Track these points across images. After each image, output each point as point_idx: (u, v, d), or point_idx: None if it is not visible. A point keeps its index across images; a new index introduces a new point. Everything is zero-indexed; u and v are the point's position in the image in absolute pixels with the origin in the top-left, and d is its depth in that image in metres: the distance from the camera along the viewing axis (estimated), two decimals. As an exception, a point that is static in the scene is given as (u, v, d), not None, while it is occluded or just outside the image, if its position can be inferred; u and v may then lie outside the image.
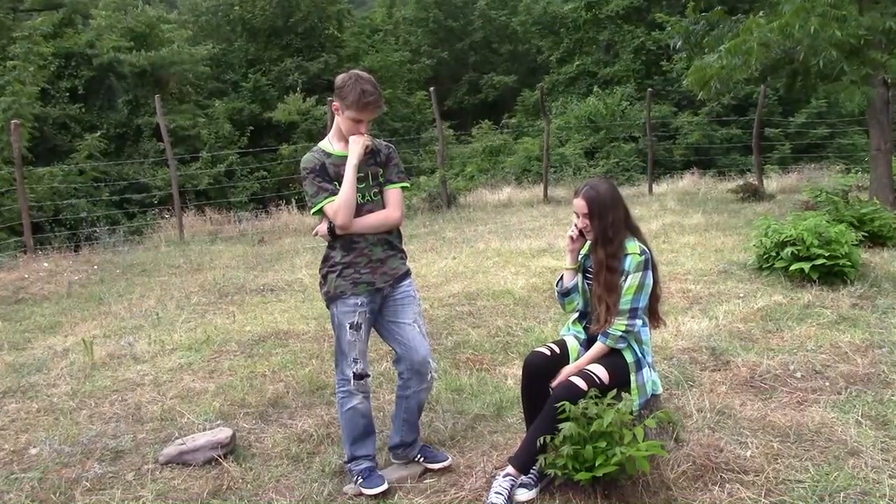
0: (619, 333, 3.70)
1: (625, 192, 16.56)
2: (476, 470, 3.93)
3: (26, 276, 10.09)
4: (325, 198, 3.67)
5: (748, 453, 3.89)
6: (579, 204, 3.81)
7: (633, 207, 13.81)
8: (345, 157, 3.70)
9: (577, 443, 3.43)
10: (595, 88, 28.14)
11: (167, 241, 12.98)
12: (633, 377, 3.72)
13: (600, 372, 3.67)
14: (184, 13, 29.98)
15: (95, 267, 10.65)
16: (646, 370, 3.77)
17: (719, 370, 5.16)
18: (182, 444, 4.28)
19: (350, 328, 3.75)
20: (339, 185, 3.68)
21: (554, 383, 3.73)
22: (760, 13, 10.75)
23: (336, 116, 3.74)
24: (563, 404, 3.48)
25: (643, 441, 3.40)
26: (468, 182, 18.67)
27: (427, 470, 3.98)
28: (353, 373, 3.78)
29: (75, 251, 12.40)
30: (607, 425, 3.40)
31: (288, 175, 20.60)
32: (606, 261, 3.75)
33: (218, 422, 4.71)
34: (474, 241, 10.76)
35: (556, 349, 3.89)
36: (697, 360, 5.35)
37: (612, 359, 3.74)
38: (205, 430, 4.53)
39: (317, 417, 4.75)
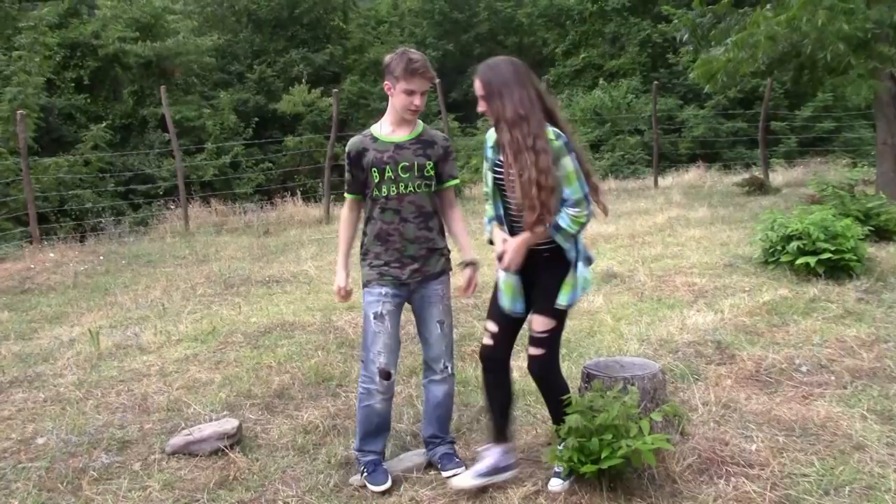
0: (578, 227, 3.38)
1: (630, 185, 16.73)
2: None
3: (32, 266, 10.12)
4: (346, 190, 3.82)
5: (753, 447, 3.90)
6: (476, 85, 3.46)
7: (638, 201, 13.70)
8: (390, 144, 3.68)
9: (583, 435, 3.43)
10: (601, 81, 28.06)
11: (172, 233, 13.00)
12: (569, 274, 3.49)
13: (543, 325, 3.50)
14: (189, 4, 29.91)
15: (101, 257, 10.67)
16: (581, 265, 3.51)
17: (724, 364, 5.17)
18: (188, 434, 4.30)
19: (374, 318, 3.71)
20: (377, 171, 3.65)
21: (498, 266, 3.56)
22: (767, 6, 10.72)
23: (390, 98, 3.70)
24: (570, 396, 3.49)
25: (649, 434, 3.41)
26: (473, 174, 18.64)
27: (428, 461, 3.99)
28: (378, 369, 3.71)
29: (81, 242, 12.43)
30: (613, 418, 3.40)
31: (293, 166, 20.60)
32: (525, 140, 3.30)
33: (224, 413, 4.72)
34: (479, 233, 10.74)
35: (494, 328, 3.66)
36: (703, 354, 5.35)
37: (545, 282, 3.50)
38: (211, 420, 4.54)
39: (323, 409, 4.76)
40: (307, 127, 23.65)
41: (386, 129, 3.73)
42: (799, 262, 7.08)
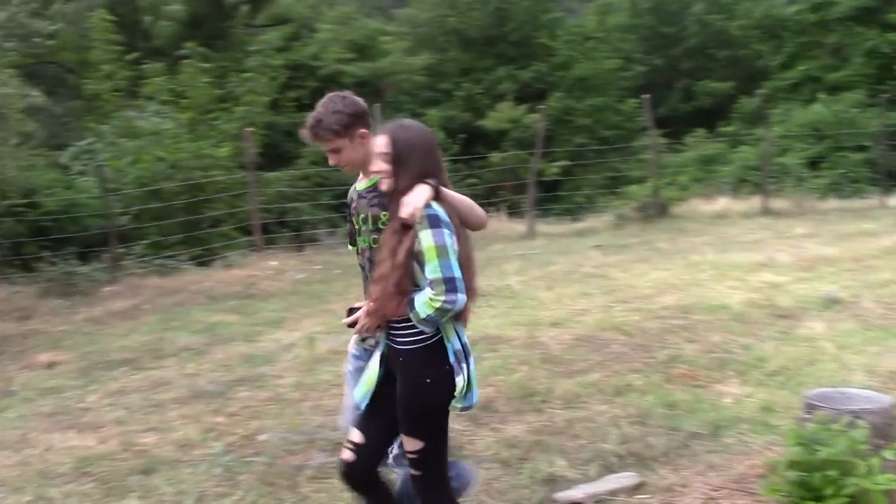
0: (433, 312, 2.78)
1: (853, 204, 15.63)
2: (691, 489, 3.81)
3: (256, 273, 10.84)
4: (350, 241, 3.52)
5: None
6: (381, 141, 2.97)
7: (863, 222, 12.76)
8: (356, 194, 3.40)
9: (805, 469, 3.23)
10: (821, 94, 26.54)
11: (381, 245, 13.47)
12: (459, 378, 2.88)
13: (412, 446, 2.92)
14: (402, 25, 31.13)
15: (317, 267, 11.26)
16: (472, 362, 2.96)
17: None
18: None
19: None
20: (357, 221, 3.35)
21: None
22: None
23: None
24: (791, 429, 3.30)
25: (879, 473, 3.16)
26: (680, 192, 18.14)
27: (642, 483, 3.89)
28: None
29: (299, 251, 13.15)
30: (838, 453, 3.19)
31: (498, 182, 20.86)
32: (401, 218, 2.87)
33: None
34: (688, 252, 10.41)
35: (356, 439, 3.10)
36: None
37: (403, 399, 2.93)
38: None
39: (527, 424, 4.78)
40: (512, 143, 23.90)
41: (359, 179, 3.45)
42: None
